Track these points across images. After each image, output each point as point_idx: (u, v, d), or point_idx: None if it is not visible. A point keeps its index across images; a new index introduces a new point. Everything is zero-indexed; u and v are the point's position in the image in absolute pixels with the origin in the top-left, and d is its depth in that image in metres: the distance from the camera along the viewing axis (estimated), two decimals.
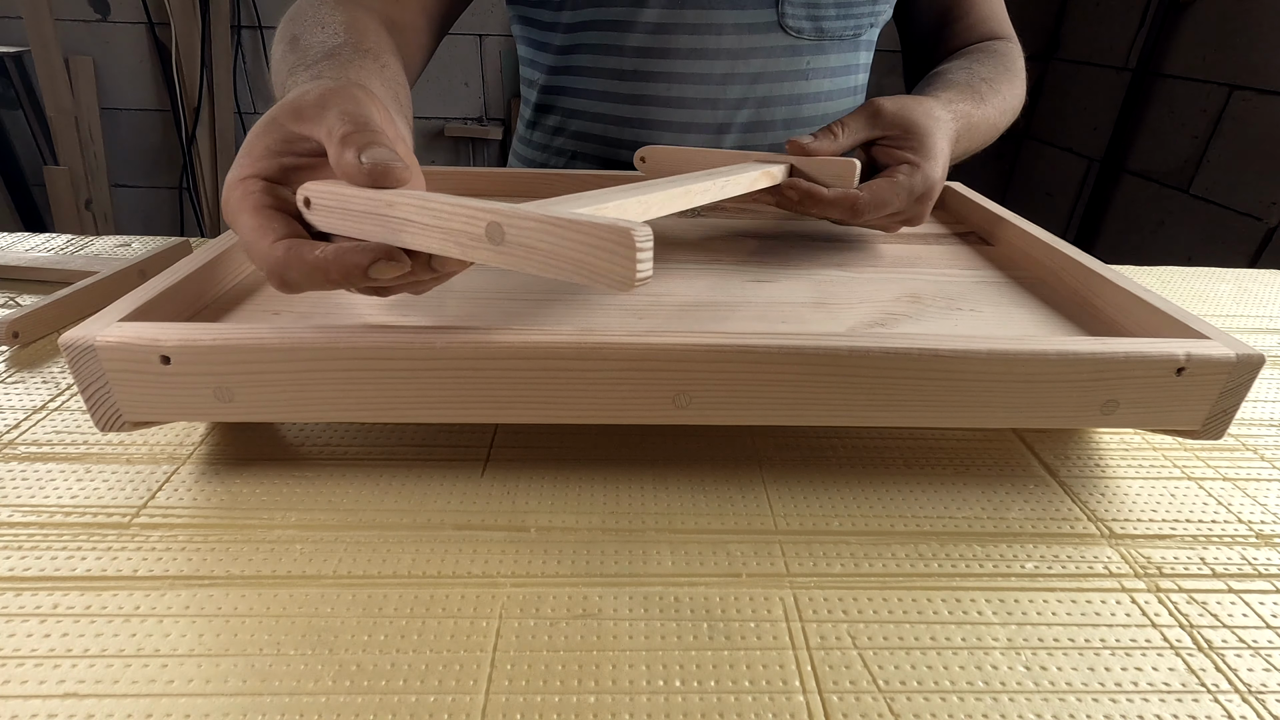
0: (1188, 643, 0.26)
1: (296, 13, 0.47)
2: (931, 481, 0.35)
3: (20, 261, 0.52)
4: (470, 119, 2.20)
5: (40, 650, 0.24)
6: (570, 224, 0.24)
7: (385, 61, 0.42)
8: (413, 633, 0.25)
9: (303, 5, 0.47)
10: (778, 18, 0.59)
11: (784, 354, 0.29)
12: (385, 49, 0.44)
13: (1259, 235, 1.51)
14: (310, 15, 0.45)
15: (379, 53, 0.42)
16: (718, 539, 0.30)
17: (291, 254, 0.26)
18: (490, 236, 0.25)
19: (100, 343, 0.28)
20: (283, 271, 0.26)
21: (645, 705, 0.23)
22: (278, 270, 0.27)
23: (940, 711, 0.23)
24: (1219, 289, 0.61)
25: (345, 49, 0.40)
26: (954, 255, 0.49)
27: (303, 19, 0.45)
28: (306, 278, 0.26)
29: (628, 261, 0.23)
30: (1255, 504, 0.34)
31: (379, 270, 0.26)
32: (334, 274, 0.26)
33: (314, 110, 0.28)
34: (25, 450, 0.34)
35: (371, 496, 0.32)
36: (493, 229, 0.25)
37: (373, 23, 0.47)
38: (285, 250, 0.26)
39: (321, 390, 0.30)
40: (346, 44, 0.41)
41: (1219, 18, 1.60)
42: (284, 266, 0.26)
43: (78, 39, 2.00)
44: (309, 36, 0.42)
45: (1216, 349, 0.31)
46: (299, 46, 0.42)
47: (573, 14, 0.60)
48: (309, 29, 0.43)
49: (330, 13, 0.45)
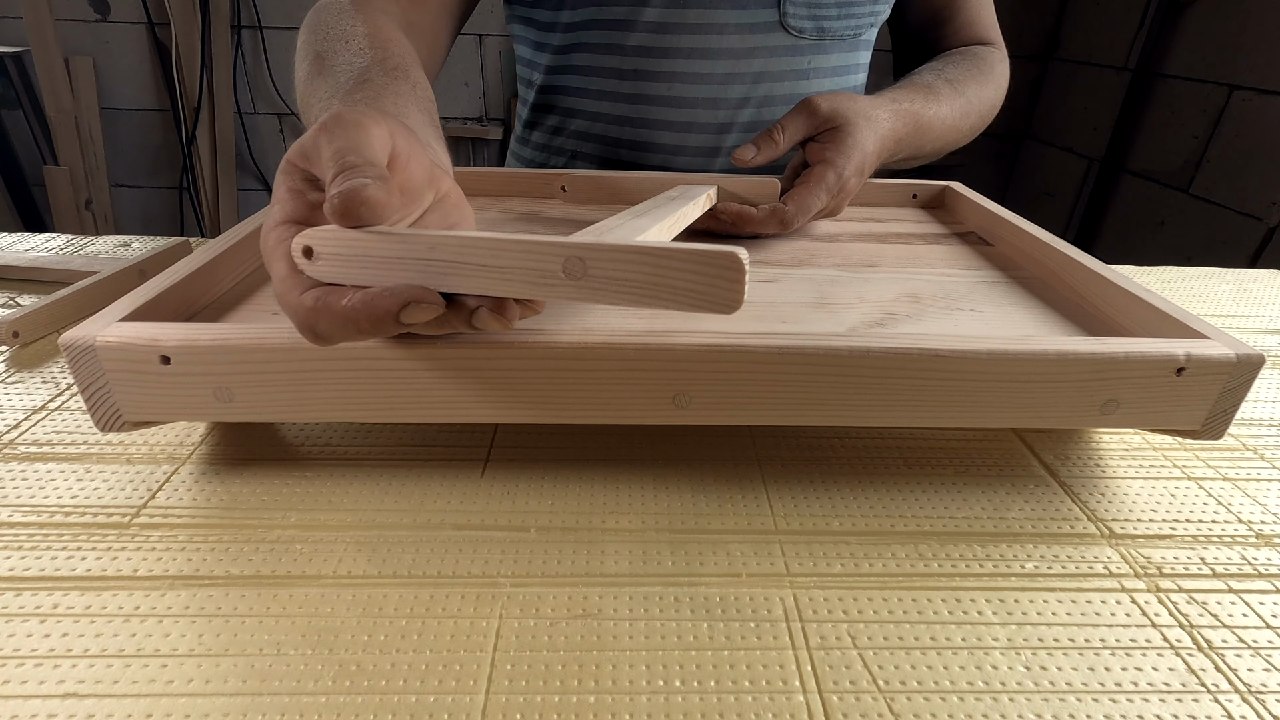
0: (1188, 643, 0.26)
1: (317, 24, 0.45)
2: (931, 481, 0.35)
3: (20, 261, 0.52)
4: (470, 119, 2.21)
5: (40, 650, 0.24)
6: (673, 253, 0.23)
7: (415, 79, 0.41)
8: (413, 633, 0.25)
9: (322, 15, 0.46)
10: (779, 17, 0.59)
11: (784, 354, 0.29)
12: (411, 61, 0.43)
13: (1259, 235, 1.51)
14: (331, 28, 0.44)
15: (408, 68, 0.41)
16: (718, 539, 0.30)
17: (320, 304, 0.25)
18: (569, 273, 0.24)
19: (100, 343, 0.28)
20: (313, 324, 0.25)
21: (645, 705, 0.23)
22: (308, 323, 0.25)
23: (940, 711, 0.23)
24: (1219, 289, 0.61)
25: (375, 71, 0.39)
26: (954, 255, 0.49)
27: (325, 32, 0.44)
28: (338, 329, 0.25)
29: (737, 285, 0.23)
30: (1255, 504, 0.34)
31: (411, 314, 0.24)
32: (364, 323, 0.24)
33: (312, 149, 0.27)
34: (25, 450, 0.34)
35: (371, 496, 0.32)
36: (572, 264, 0.24)
37: (394, 31, 0.46)
38: (314, 300, 0.25)
39: (321, 390, 0.30)
40: (374, 64, 0.40)
41: (1219, 18, 1.60)
42: (314, 318, 0.25)
43: (78, 39, 2.00)
44: (335, 55, 0.41)
45: (1216, 349, 0.31)
46: (325, 68, 0.41)
47: (572, 13, 0.60)
48: (333, 46, 0.42)
49: (351, 24, 0.44)
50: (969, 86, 0.60)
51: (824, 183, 0.47)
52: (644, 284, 0.24)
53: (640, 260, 0.24)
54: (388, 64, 0.40)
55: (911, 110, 0.54)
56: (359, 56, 0.41)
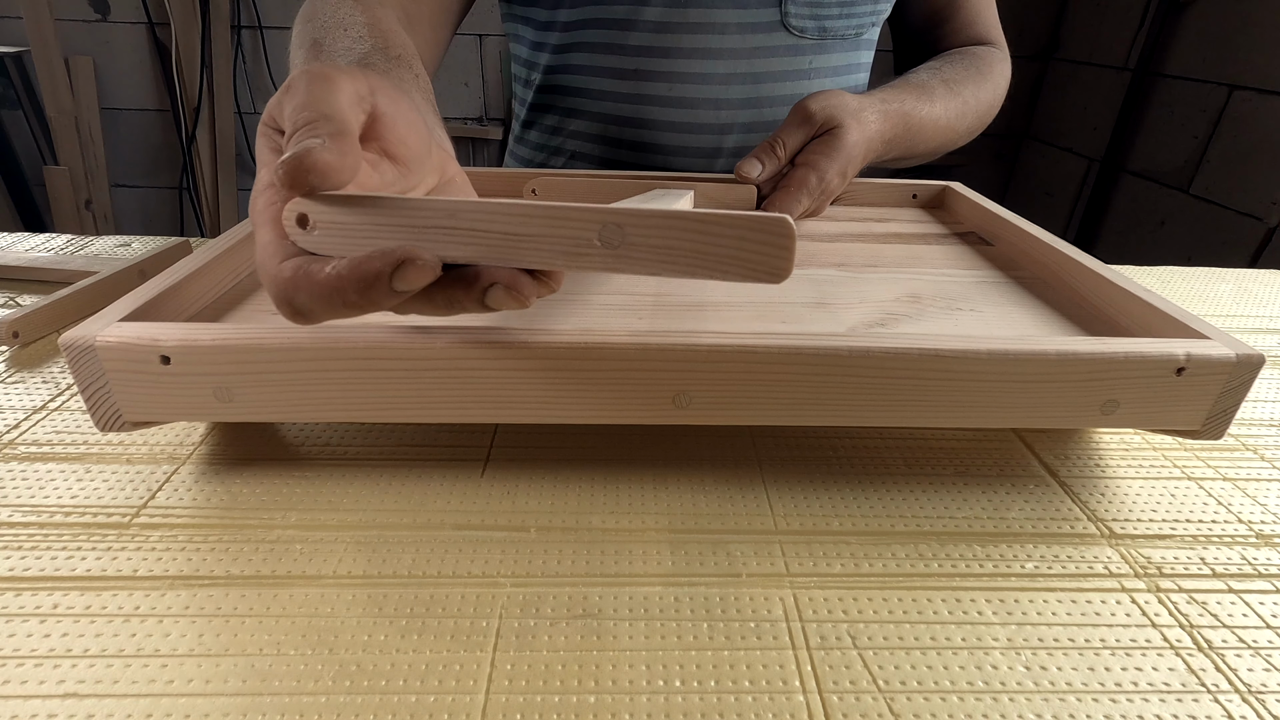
0: (1188, 643, 0.26)
1: (312, 13, 0.44)
2: (931, 481, 0.35)
3: (20, 261, 0.52)
4: (470, 119, 2.21)
5: (40, 650, 0.24)
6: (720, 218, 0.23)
7: (418, 71, 0.40)
8: (413, 633, 0.25)
9: (318, 5, 0.45)
10: (781, 17, 0.59)
11: (784, 354, 0.29)
12: (412, 53, 0.43)
13: (1259, 235, 1.51)
14: (330, 16, 0.43)
15: (409, 60, 0.40)
16: (718, 539, 0.30)
17: (300, 274, 0.22)
18: (606, 241, 0.23)
19: (100, 343, 0.28)
20: (291, 296, 0.22)
21: (645, 705, 0.23)
22: (286, 296, 0.22)
23: (940, 711, 0.23)
24: (1219, 289, 0.61)
25: (376, 57, 0.38)
26: (954, 255, 0.49)
27: (322, 20, 0.42)
28: (320, 302, 0.22)
29: (786, 252, 0.23)
30: (1255, 504, 0.34)
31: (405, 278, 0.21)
32: (351, 293, 0.21)
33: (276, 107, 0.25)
34: (25, 450, 0.34)
35: (371, 496, 0.32)
36: (609, 231, 0.23)
37: (393, 23, 0.46)
38: (293, 270, 0.22)
39: (321, 390, 0.30)
40: (375, 50, 0.39)
41: (1219, 18, 1.60)
42: (292, 289, 0.22)
43: (78, 39, 2.00)
44: (334, 42, 0.40)
45: (1216, 349, 0.31)
46: (323, 53, 0.39)
47: (571, 12, 0.60)
48: (331, 32, 0.41)
49: (350, 13, 0.43)
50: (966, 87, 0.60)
51: (805, 186, 0.48)
52: (688, 251, 0.23)
53: (684, 227, 0.23)
54: (390, 52, 0.39)
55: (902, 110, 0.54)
56: (359, 43, 0.40)
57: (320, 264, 0.22)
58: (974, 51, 0.65)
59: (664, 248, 0.23)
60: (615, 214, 0.23)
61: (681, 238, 0.23)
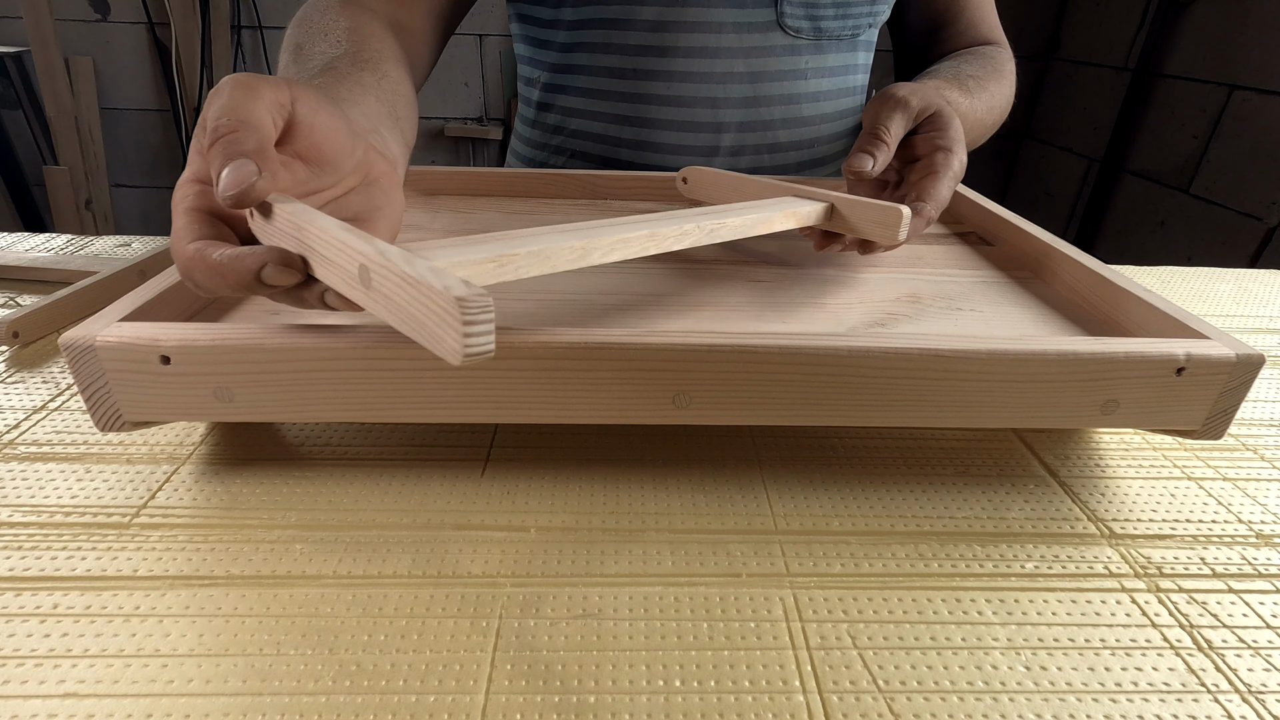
0: (1188, 643, 0.26)
1: (303, 18, 0.46)
2: (931, 481, 0.35)
3: (20, 261, 0.52)
4: (470, 119, 2.21)
5: (40, 650, 0.24)
6: (409, 280, 0.21)
7: (385, 71, 0.41)
8: (413, 633, 0.25)
9: (309, 11, 0.47)
10: (776, 17, 0.59)
11: (784, 354, 0.29)
12: (387, 56, 0.44)
13: (1259, 235, 1.51)
14: (315, 22, 0.44)
15: (379, 61, 0.41)
16: (718, 539, 0.30)
17: (198, 255, 0.26)
18: (363, 279, 0.23)
19: (100, 343, 0.28)
20: (190, 272, 0.26)
21: (645, 705, 0.23)
22: (188, 271, 0.26)
23: (940, 711, 0.23)
24: (1219, 289, 0.61)
25: (343, 61, 0.40)
26: (954, 255, 0.49)
27: (308, 26, 0.44)
28: (211, 280, 0.26)
29: (455, 331, 0.20)
30: (1255, 504, 0.34)
31: (270, 275, 0.25)
32: (229, 277, 0.25)
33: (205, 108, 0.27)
34: (25, 450, 0.34)
35: (371, 496, 0.32)
36: (363, 271, 0.23)
37: (378, 28, 0.47)
38: (194, 251, 0.26)
39: (321, 390, 0.30)
40: (345, 55, 0.40)
41: (1219, 18, 1.60)
42: (191, 267, 0.26)
43: (78, 39, 2.00)
44: (312, 47, 0.42)
45: (1216, 349, 0.31)
46: (300, 58, 0.41)
47: (573, 11, 0.60)
48: (313, 38, 0.43)
49: (335, 19, 0.45)
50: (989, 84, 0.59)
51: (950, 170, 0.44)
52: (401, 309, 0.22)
53: (398, 282, 0.22)
54: (359, 56, 0.41)
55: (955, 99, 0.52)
56: (334, 48, 0.41)
57: (214, 249, 0.26)
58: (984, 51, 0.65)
59: (388, 298, 0.22)
60: (370, 255, 0.22)
61: (397, 291, 0.22)
